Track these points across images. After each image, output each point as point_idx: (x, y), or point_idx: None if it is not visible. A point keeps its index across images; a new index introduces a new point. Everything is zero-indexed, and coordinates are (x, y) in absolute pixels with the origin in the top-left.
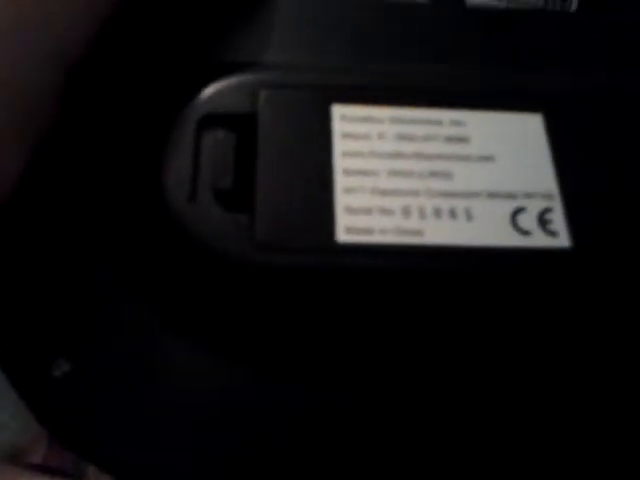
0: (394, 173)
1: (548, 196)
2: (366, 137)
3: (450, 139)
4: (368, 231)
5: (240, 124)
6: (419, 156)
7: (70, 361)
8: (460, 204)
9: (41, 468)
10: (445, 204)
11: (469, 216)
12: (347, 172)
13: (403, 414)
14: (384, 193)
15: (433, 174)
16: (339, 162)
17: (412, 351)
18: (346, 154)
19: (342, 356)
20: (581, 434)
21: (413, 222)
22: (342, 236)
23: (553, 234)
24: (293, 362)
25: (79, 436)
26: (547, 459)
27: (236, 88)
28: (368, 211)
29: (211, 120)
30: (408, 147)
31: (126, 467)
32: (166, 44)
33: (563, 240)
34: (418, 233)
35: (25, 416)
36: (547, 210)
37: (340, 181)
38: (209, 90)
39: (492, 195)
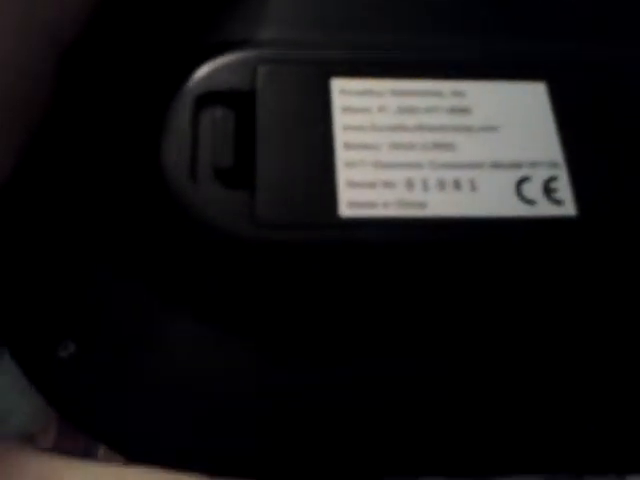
0: (396, 146)
1: (553, 165)
2: (366, 110)
3: (452, 110)
4: (371, 205)
5: (239, 101)
6: (421, 128)
7: (76, 342)
8: (464, 175)
9: (52, 452)
10: (449, 175)
11: (473, 187)
12: (348, 146)
13: (410, 387)
14: (386, 166)
15: (436, 146)
16: (340, 136)
17: (418, 323)
18: (347, 128)
19: (346, 331)
20: (585, 406)
21: (416, 194)
22: (345, 210)
23: (558, 203)
24: (297, 338)
25: (86, 415)
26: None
27: (234, 65)
28: (370, 185)
29: (209, 98)
30: (409, 119)
31: (131, 444)
32: (162, 24)
33: (569, 208)
34: (421, 205)
35: (35, 402)
36: (552, 179)
37: (341, 155)
38: (206, 68)
39: (496, 165)
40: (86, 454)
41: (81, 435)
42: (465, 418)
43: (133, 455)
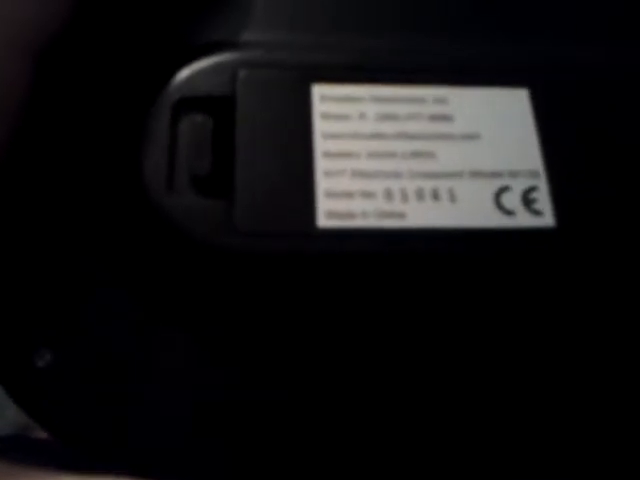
0: (375, 155)
1: (533, 174)
2: (347, 118)
3: (433, 117)
4: (349, 215)
5: (217, 107)
6: (401, 136)
7: (53, 351)
8: (443, 185)
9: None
10: (428, 185)
11: (452, 197)
12: (327, 155)
13: (390, 400)
14: (365, 175)
15: (415, 154)
16: (319, 144)
17: (396, 335)
18: (326, 136)
19: (325, 342)
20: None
21: (395, 205)
22: (323, 221)
23: (538, 213)
24: (277, 348)
25: (64, 425)
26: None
27: (212, 69)
28: (349, 195)
29: (187, 103)
30: (390, 127)
31: (111, 452)
32: (142, 26)
33: (547, 219)
34: (400, 216)
35: (9, 418)
36: (532, 189)
37: (320, 164)
38: (185, 72)
39: (476, 174)
40: None
41: None
42: (455, 429)
43: (114, 463)
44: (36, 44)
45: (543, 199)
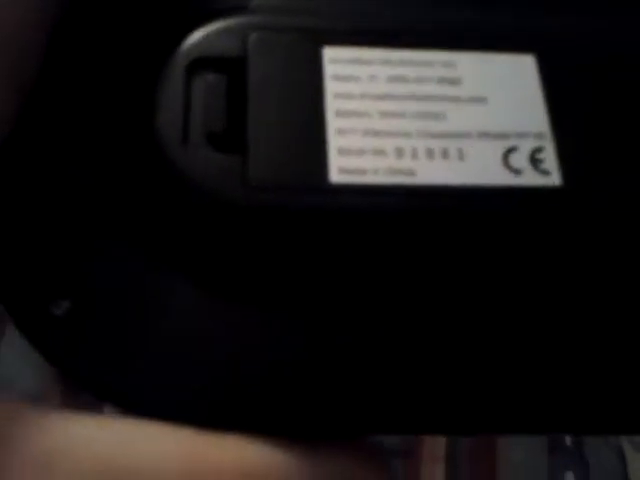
0: (386, 114)
1: (540, 135)
2: (357, 79)
3: (442, 80)
4: (361, 171)
5: (230, 67)
6: (411, 97)
7: (70, 300)
8: (452, 144)
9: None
10: (437, 144)
11: (461, 156)
12: (339, 113)
13: (396, 352)
14: (376, 134)
15: (425, 115)
16: (331, 103)
17: (405, 290)
18: (338, 96)
19: (334, 295)
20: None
21: (405, 162)
22: (335, 176)
23: (544, 173)
24: (285, 300)
25: (80, 370)
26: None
27: (226, 31)
28: (361, 152)
29: (201, 64)
30: (400, 89)
31: (126, 397)
32: None
33: (554, 178)
34: (411, 173)
35: (39, 367)
36: (539, 149)
37: (332, 122)
38: (198, 34)
39: (484, 135)
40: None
41: (85, 398)
42: (454, 377)
43: (128, 407)
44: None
45: (550, 159)
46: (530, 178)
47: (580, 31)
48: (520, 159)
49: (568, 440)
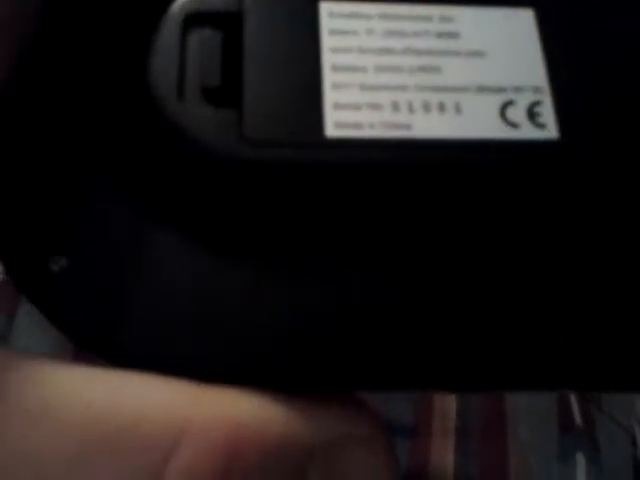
0: (383, 69)
1: (537, 89)
2: (354, 33)
3: (440, 35)
4: (357, 126)
5: (226, 22)
6: (408, 51)
7: (67, 257)
8: (449, 98)
9: None
10: (434, 98)
11: (458, 109)
12: (335, 68)
13: (391, 305)
14: (373, 88)
15: (422, 69)
16: (327, 58)
17: (401, 243)
18: (334, 50)
19: (330, 248)
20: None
21: (402, 116)
22: (331, 131)
23: (541, 126)
24: (281, 254)
25: (79, 325)
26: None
27: None
28: (357, 106)
29: (197, 19)
30: (397, 43)
31: (122, 351)
32: None
33: (551, 132)
34: (407, 127)
35: (49, 339)
36: (536, 103)
37: (328, 77)
38: None
39: (481, 89)
40: None
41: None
42: (450, 331)
43: (125, 362)
44: None
45: (547, 113)
46: (527, 132)
47: None
48: (517, 113)
49: (578, 420)
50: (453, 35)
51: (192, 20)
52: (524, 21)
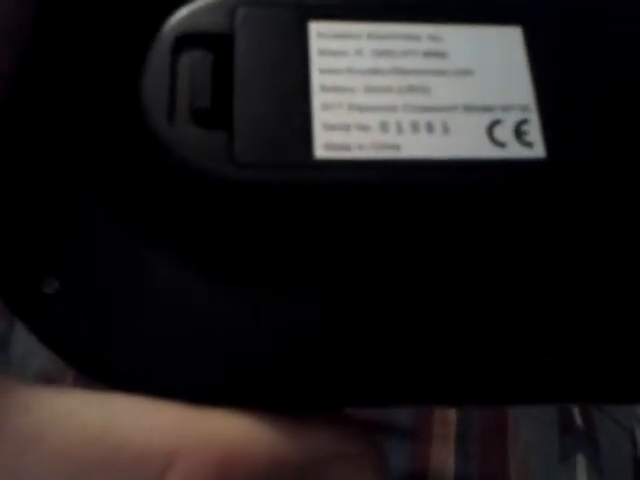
0: (371, 89)
1: (524, 108)
2: (343, 54)
3: (428, 54)
4: (346, 147)
5: (217, 43)
6: (397, 71)
7: (59, 278)
8: (437, 118)
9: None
10: (422, 118)
11: (446, 129)
12: (324, 88)
13: (382, 324)
14: (361, 109)
15: (410, 89)
16: (316, 79)
17: (390, 264)
18: (323, 71)
19: (318, 270)
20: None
21: (390, 137)
22: (320, 152)
23: (528, 145)
24: (269, 275)
25: (72, 348)
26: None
27: (212, 7)
28: (346, 127)
29: (187, 40)
30: (385, 63)
31: (115, 374)
32: None
33: (538, 151)
34: (396, 147)
35: None
36: (523, 122)
37: (317, 98)
38: (185, 10)
39: (469, 108)
40: None
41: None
42: (443, 347)
43: (117, 384)
44: None
45: (534, 132)
46: (514, 151)
47: (566, 4)
48: (504, 132)
49: (579, 421)
50: (441, 54)
51: (183, 41)
52: (512, 39)
